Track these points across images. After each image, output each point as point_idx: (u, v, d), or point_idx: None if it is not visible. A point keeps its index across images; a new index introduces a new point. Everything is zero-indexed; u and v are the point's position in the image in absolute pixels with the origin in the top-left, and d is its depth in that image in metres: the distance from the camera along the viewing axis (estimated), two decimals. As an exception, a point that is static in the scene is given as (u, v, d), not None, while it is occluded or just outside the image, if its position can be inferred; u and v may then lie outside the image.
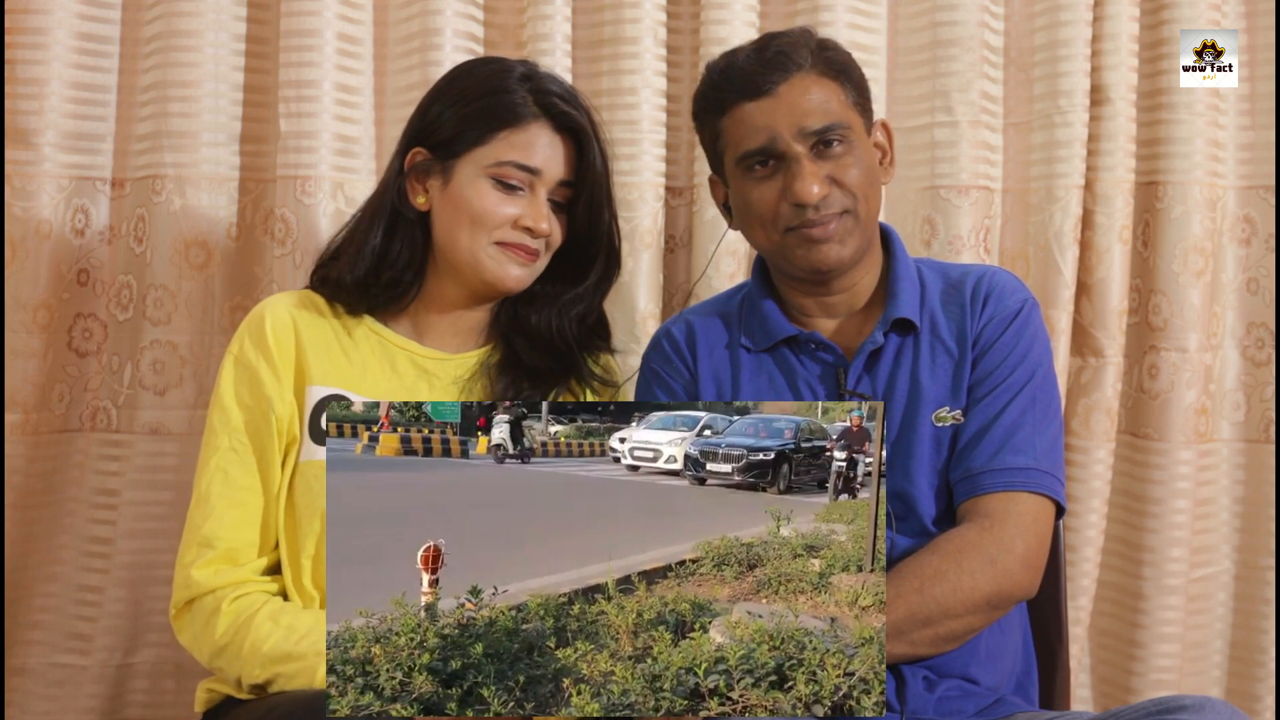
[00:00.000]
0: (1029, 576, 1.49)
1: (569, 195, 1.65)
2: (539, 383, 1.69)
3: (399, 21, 2.12)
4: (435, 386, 1.67)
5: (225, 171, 2.07)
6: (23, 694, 2.07)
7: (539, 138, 1.61)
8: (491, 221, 1.60)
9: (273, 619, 1.50)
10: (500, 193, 1.60)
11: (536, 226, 1.61)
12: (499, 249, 1.61)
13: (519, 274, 1.63)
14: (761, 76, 1.53)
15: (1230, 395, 2.35)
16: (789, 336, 1.63)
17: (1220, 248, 2.30)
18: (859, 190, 1.55)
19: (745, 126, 1.54)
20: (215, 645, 1.52)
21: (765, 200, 1.55)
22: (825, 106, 1.53)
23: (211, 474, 1.58)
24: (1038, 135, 2.23)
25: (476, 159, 1.60)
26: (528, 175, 1.61)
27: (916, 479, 1.56)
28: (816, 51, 1.56)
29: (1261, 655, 2.33)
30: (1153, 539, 2.26)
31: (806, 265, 1.58)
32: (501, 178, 1.60)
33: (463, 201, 1.61)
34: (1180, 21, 2.22)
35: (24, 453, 2.03)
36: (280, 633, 1.48)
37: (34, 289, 2.01)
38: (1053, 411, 1.58)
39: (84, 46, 2.03)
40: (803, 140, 1.52)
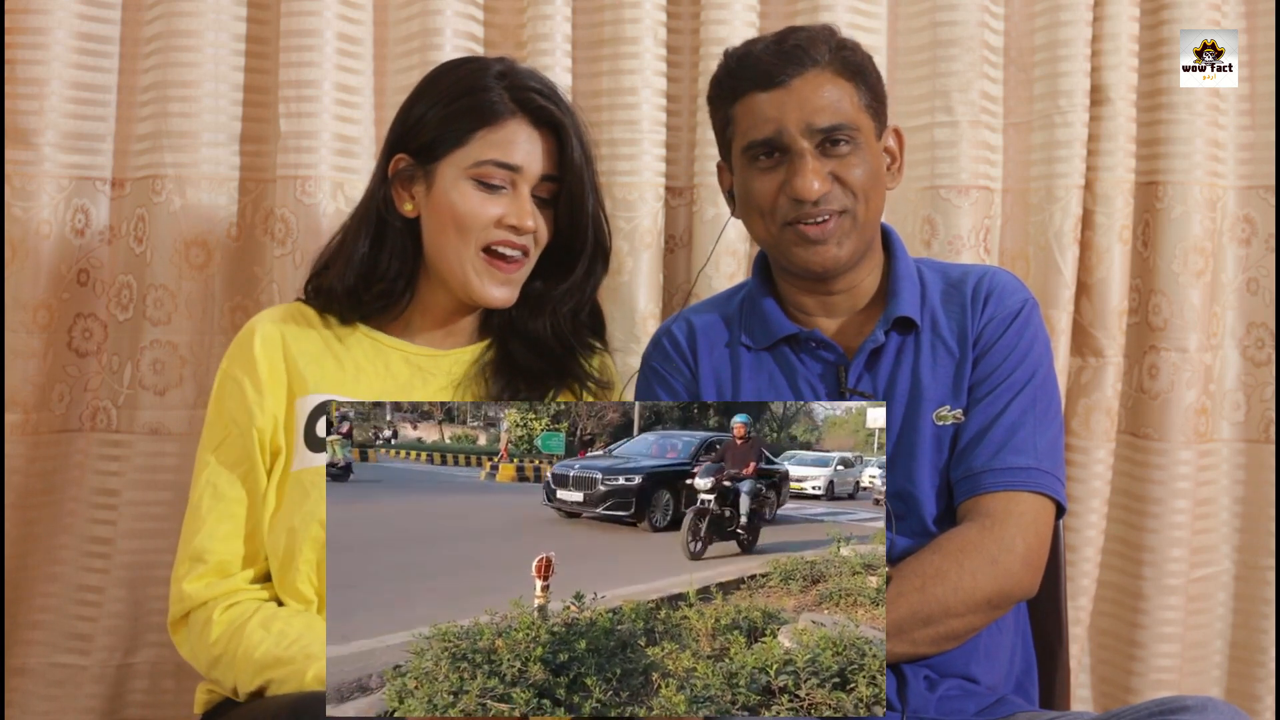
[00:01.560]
0: (1030, 576, 1.50)
1: (553, 190, 1.65)
2: (535, 384, 1.69)
3: (399, 21, 2.12)
4: (429, 384, 1.67)
5: (225, 171, 2.07)
6: (23, 694, 2.07)
7: (517, 134, 1.61)
8: (476, 223, 1.60)
9: (264, 626, 1.50)
10: (483, 193, 1.60)
11: (521, 224, 1.61)
12: (485, 263, 1.61)
13: (502, 294, 1.63)
14: (776, 68, 1.53)
15: (1230, 395, 2.35)
16: (789, 335, 1.63)
17: (1220, 248, 2.30)
18: (860, 191, 1.55)
19: (754, 116, 1.55)
20: (210, 656, 1.52)
21: (766, 192, 1.56)
22: (836, 105, 1.54)
23: (202, 488, 1.60)
24: (1038, 135, 2.23)
25: (457, 161, 1.60)
26: (509, 173, 1.60)
27: (917, 478, 1.56)
28: (835, 50, 1.56)
29: (1261, 655, 2.33)
30: (1153, 539, 2.26)
31: (802, 264, 1.58)
32: (483, 178, 1.60)
33: (446, 206, 1.61)
34: (1180, 21, 2.22)
35: (24, 453, 2.03)
36: (271, 639, 1.48)
37: (34, 289, 2.01)
38: (1053, 411, 1.58)
39: (84, 46, 2.03)
40: (809, 136, 1.52)
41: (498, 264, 1.62)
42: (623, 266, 2.09)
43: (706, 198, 2.13)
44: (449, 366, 1.68)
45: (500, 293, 1.63)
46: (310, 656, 1.44)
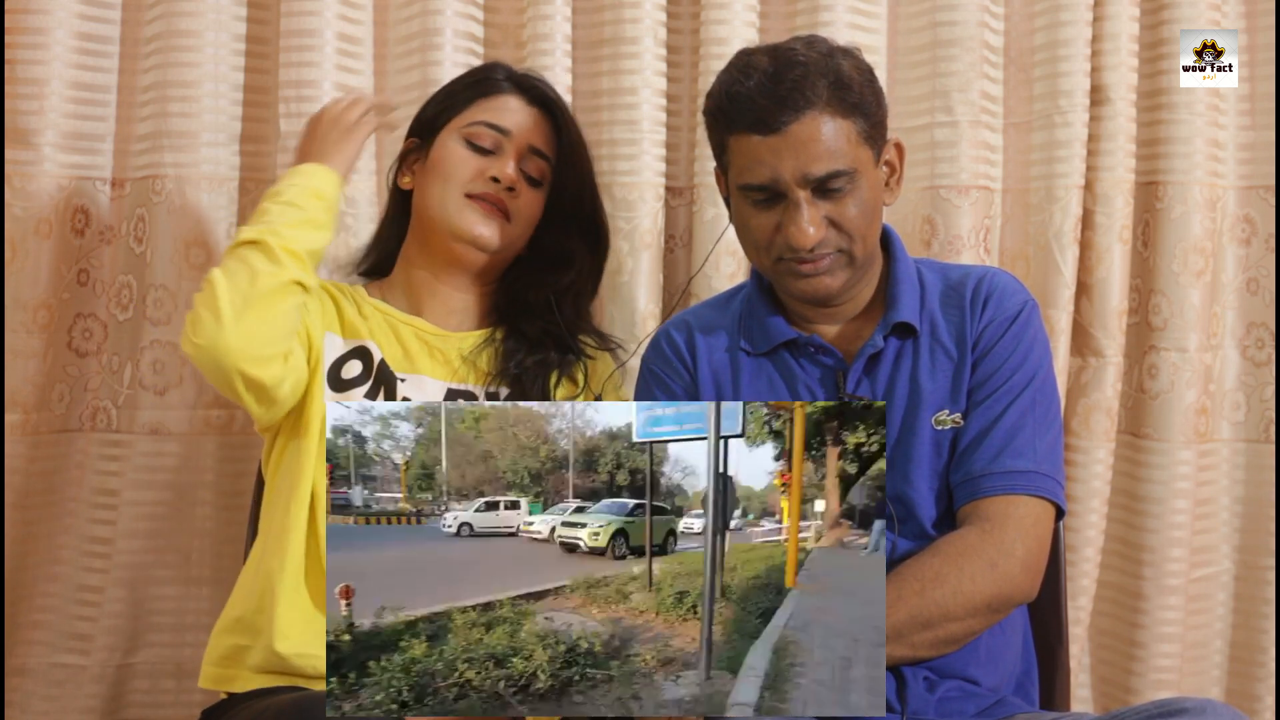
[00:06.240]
0: (1029, 580, 1.50)
1: (542, 170, 1.77)
2: (538, 352, 1.77)
3: (399, 21, 2.12)
4: (438, 360, 1.76)
5: (225, 171, 2.06)
6: (23, 694, 2.07)
7: (510, 103, 1.77)
8: (462, 175, 1.73)
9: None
10: (470, 151, 1.74)
11: (504, 174, 1.73)
12: (467, 201, 1.73)
13: (483, 230, 1.74)
14: (771, 114, 1.47)
15: (1230, 395, 2.35)
16: (789, 340, 1.63)
17: (1220, 248, 2.30)
18: (856, 232, 1.53)
19: (749, 158, 1.50)
20: None
21: (762, 229, 1.54)
22: (833, 149, 1.48)
23: None
24: (1038, 135, 2.23)
25: (453, 126, 1.76)
26: (497, 135, 1.75)
27: (916, 482, 1.56)
28: (833, 87, 1.48)
29: (1261, 655, 2.33)
30: (1153, 539, 2.26)
31: (798, 294, 1.58)
32: (472, 138, 1.74)
33: (438, 163, 1.75)
34: (1180, 21, 2.22)
35: (24, 453, 2.03)
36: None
37: (34, 289, 2.01)
38: (1053, 414, 1.58)
39: (84, 46, 2.03)
40: (805, 185, 1.49)
41: (478, 202, 1.73)
42: (623, 266, 2.09)
43: (706, 198, 2.13)
44: (458, 344, 1.77)
45: (482, 228, 1.74)
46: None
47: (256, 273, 1.57)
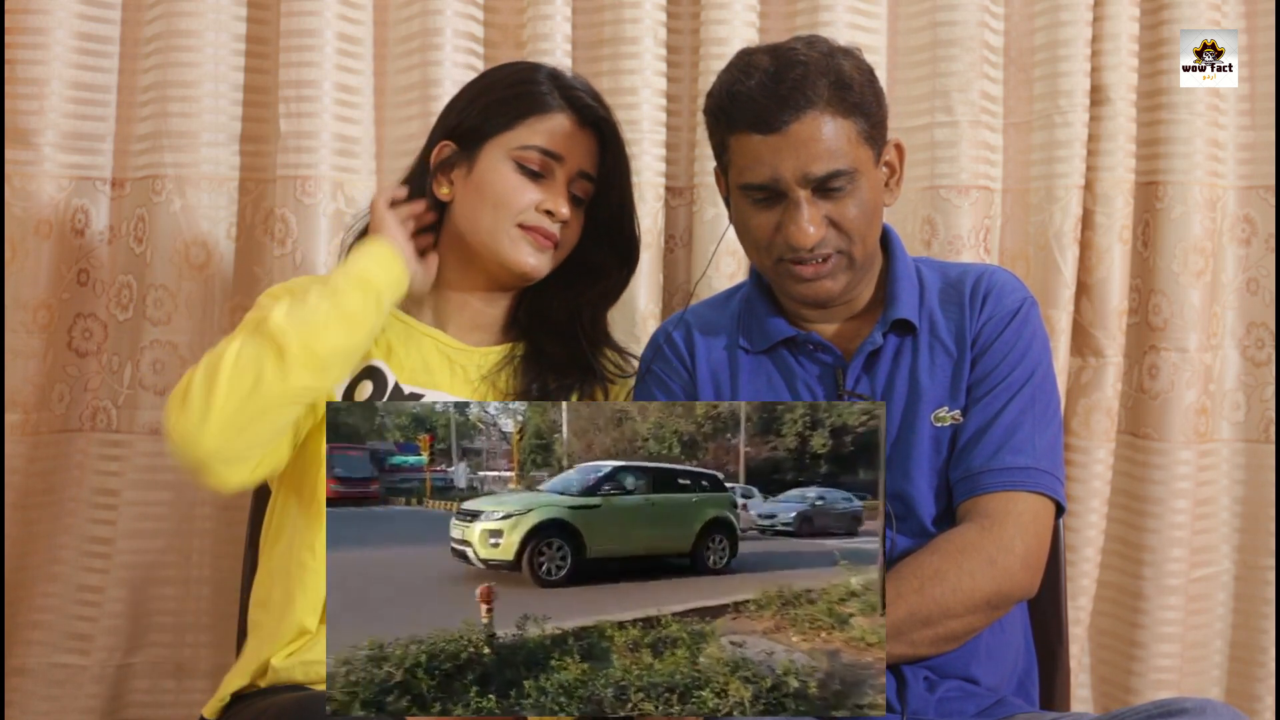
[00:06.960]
0: (1029, 576, 1.49)
1: (587, 190, 1.70)
2: (562, 377, 1.72)
3: (399, 21, 2.12)
4: (458, 377, 1.70)
5: (225, 171, 2.07)
6: (23, 694, 2.07)
7: (563, 126, 1.67)
8: (515, 205, 1.65)
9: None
10: (522, 176, 1.65)
11: (558, 210, 1.65)
12: (520, 233, 1.65)
13: (535, 261, 1.67)
14: (772, 113, 1.46)
15: (1230, 395, 2.35)
16: (787, 338, 1.63)
17: (1220, 248, 2.30)
18: (856, 232, 1.53)
19: (749, 157, 1.50)
20: None
21: (761, 228, 1.54)
22: (833, 149, 1.48)
23: None
24: (1038, 135, 2.23)
25: (501, 143, 1.66)
26: (550, 161, 1.66)
27: (915, 479, 1.56)
28: (834, 87, 1.48)
29: (1261, 655, 2.33)
30: (1153, 539, 2.26)
31: (798, 296, 1.58)
32: (524, 162, 1.65)
33: (486, 185, 1.65)
34: (1180, 21, 2.22)
35: (24, 453, 2.03)
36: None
37: (34, 289, 2.01)
38: (1052, 411, 1.58)
39: (84, 46, 2.03)
40: (805, 184, 1.49)
41: (531, 234, 1.66)
42: (629, 266, 2.09)
43: (706, 198, 2.13)
44: (479, 360, 1.72)
45: (534, 260, 1.67)
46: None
47: (261, 380, 1.48)
